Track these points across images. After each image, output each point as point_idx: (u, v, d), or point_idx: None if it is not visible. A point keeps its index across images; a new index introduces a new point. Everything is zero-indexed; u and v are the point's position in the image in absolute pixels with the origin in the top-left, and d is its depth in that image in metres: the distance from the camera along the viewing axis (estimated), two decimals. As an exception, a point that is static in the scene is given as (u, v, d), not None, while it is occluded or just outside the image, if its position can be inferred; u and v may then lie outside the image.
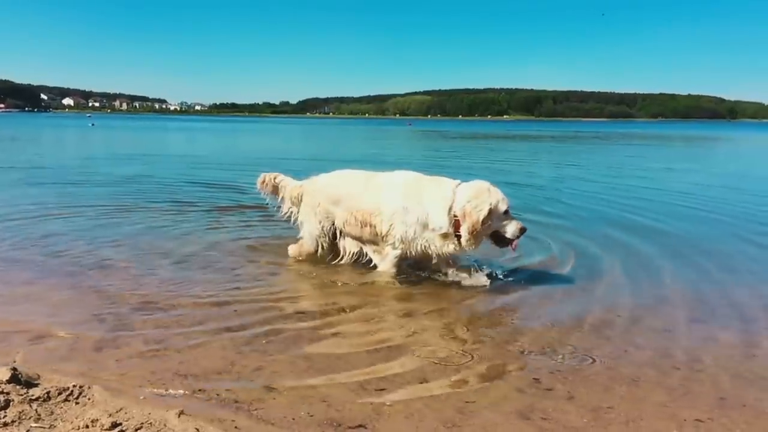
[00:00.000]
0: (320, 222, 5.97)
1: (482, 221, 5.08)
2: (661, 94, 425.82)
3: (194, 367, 3.56)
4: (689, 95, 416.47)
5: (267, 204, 6.55)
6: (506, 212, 5.25)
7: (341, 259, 6.00)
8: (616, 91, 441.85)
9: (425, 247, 5.41)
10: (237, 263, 6.05)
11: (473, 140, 43.96)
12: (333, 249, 6.09)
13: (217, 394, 3.21)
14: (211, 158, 21.71)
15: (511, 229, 5.26)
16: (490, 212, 5.11)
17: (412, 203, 5.33)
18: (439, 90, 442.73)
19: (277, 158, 22.55)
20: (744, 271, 6.20)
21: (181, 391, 3.24)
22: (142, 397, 3.13)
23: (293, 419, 2.97)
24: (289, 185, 6.26)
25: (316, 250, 6.05)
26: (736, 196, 12.15)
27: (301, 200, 6.14)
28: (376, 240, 5.65)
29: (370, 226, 5.58)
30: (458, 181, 5.41)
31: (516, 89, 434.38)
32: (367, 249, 5.84)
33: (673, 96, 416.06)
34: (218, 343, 3.94)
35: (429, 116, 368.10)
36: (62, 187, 11.73)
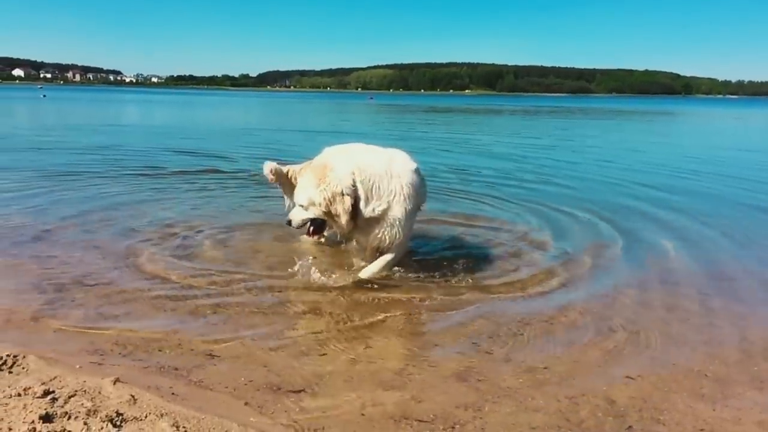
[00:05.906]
0: None
1: None
2: (618, 69, 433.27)
3: (135, 337, 3.53)
4: (646, 71, 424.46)
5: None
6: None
7: None
8: (576, 67, 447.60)
9: None
10: (190, 235, 5.88)
11: (439, 114, 43.80)
12: None
13: (157, 362, 3.20)
14: (178, 129, 21.47)
15: None
16: None
17: None
18: (401, 64, 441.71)
19: (247, 129, 22.90)
20: (696, 240, 6.33)
21: (120, 360, 3.21)
22: (78, 366, 3.09)
23: (232, 386, 2.97)
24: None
25: None
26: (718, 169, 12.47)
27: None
28: None
29: None
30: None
31: (478, 64, 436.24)
32: None
33: (630, 72, 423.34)
34: (161, 314, 3.91)
35: (391, 90, 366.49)
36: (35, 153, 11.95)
